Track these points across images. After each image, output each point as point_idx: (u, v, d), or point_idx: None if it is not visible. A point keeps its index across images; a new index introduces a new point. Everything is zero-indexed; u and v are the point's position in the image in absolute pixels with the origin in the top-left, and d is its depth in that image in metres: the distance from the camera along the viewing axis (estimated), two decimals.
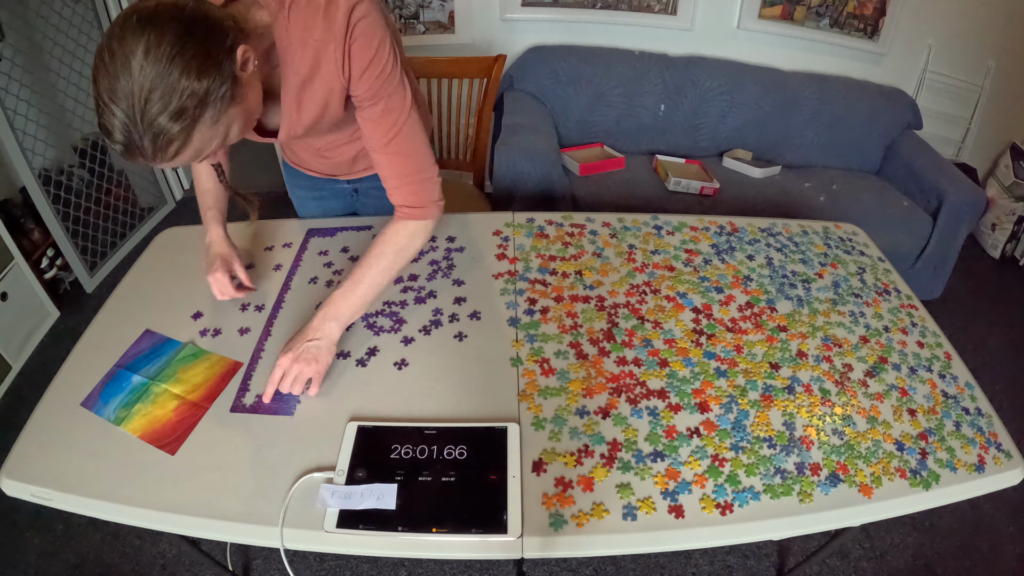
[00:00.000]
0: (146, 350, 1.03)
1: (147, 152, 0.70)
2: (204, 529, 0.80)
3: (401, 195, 0.99)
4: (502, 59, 1.93)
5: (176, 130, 0.69)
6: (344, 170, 1.28)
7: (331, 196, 1.37)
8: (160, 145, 0.69)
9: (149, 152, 0.70)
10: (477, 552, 0.79)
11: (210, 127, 0.72)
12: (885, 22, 2.50)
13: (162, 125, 0.67)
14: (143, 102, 0.66)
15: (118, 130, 0.68)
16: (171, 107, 0.67)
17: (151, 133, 0.68)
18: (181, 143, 0.70)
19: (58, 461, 0.87)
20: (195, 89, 0.68)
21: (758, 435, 0.92)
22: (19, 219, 2.17)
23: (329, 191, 1.36)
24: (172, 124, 0.68)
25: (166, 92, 0.66)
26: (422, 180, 0.99)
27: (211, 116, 0.71)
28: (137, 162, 0.72)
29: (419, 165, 0.98)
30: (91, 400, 0.95)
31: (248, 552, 1.56)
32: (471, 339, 1.06)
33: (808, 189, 2.35)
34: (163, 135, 0.68)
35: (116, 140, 0.69)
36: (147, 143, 0.68)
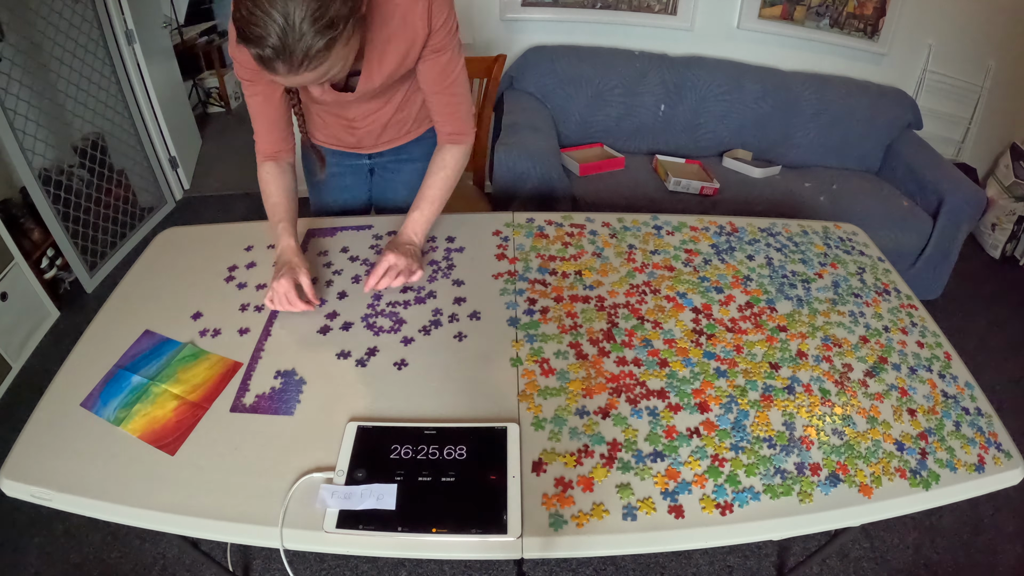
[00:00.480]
0: (146, 350, 1.03)
1: (296, 58, 0.80)
2: (204, 529, 0.80)
3: (453, 125, 1.20)
4: (502, 59, 1.93)
5: (324, 41, 0.80)
6: (370, 141, 1.34)
7: (349, 172, 1.43)
8: (311, 52, 0.80)
9: (299, 58, 0.80)
10: (477, 552, 0.79)
11: (343, 46, 0.84)
12: (885, 22, 2.50)
13: (315, 33, 0.79)
14: (304, 12, 0.77)
15: (275, 35, 0.78)
16: (325, 19, 0.79)
17: (305, 40, 0.79)
18: (325, 54, 0.82)
19: (58, 461, 0.87)
20: (342, 9, 0.81)
21: (758, 435, 0.92)
22: (19, 219, 2.17)
23: (348, 167, 1.42)
24: (323, 34, 0.80)
25: (322, 6, 0.78)
26: (467, 115, 1.21)
27: (346, 36, 0.84)
28: (276, 70, 0.82)
29: (467, 104, 1.20)
30: (91, 400, 0.95)
31: (248, 552, 1.56)
32: (471, 339, 1.06)
33: (808, 189, 2.35)
34: (315, 43, 0.80)
35: (269, 44, 0.79)
36: (300, 49, 0.79)
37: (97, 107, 2.52)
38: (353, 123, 1.28)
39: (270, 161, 1.18)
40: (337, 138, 1.35)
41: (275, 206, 1.17)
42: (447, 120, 1.20)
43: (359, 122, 1.28)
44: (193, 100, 3.96)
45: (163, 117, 2.87)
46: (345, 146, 1.37)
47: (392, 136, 1.35)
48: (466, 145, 1.24)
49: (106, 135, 2.57)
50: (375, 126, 1.30)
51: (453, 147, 1.22)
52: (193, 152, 3.36)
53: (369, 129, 1.30)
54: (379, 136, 1.33)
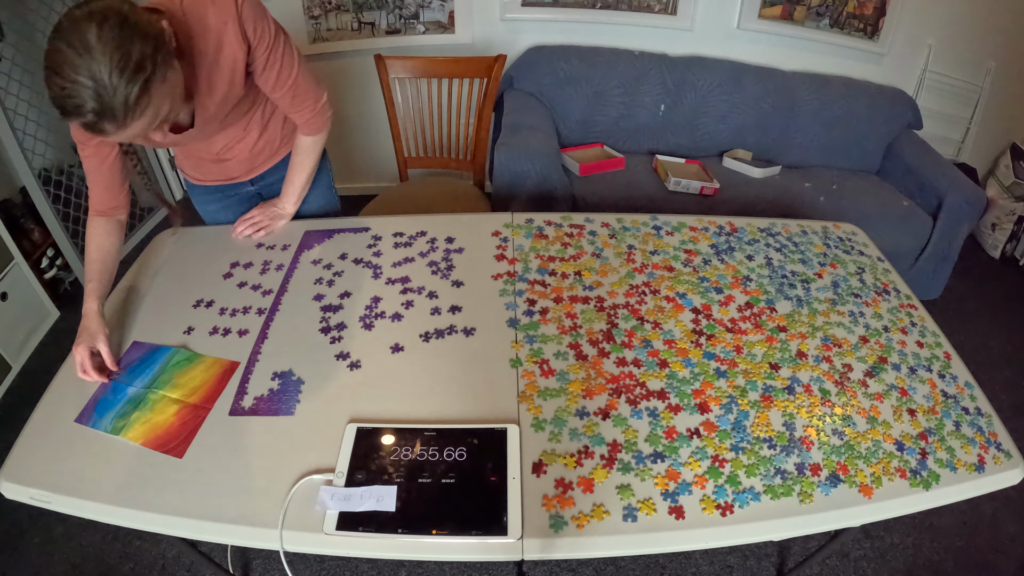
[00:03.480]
0: (136, 360, 1.02)
1: (118, 112, 0.80)
2: (204, 531, 0.80)
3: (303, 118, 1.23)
4: (502, 59, 1.93)
5: (138, 87, 0.80)
6: (245, 169, 1.34)
7: (238, 203, 1.41)
8: (131, 101, 0.80)
9: (120, 112, 0.80)
10: (477, 554, 0.79)
11: (161, 84, 0.84)
12: (885, 22, 2.49)
13: (127, 82, 0.78)
14: (108, 66, 0.77)
15: (90, 99, 0.78)
16: (131, 64, 0.78)
17: (119, 92, 0.78)
18: (145, 98, 0.81)
19: (57, 465, 0.87)
20: (145, 49, 0.80)
21: (758, 436, 0.92)
22: (19, 219, 2.16)
23: (235, 197, 1.40)
24: (135, 79, 0.79)
25: (124, 54, 0.78)
26: (320, 108, 1.23)
27: (160, 74, 0.83)
28: (106, 131, 0.82)
29: (313, 98, 1.20)
30: (85, 415, 0.94)
31: (248, 552, 1.56)
32: (470, 340, 1.06)
33: (808, 189, 2.35)
34: (131, 91, 0.79)
35: (88, 110, 0.78)
36: (119, 103, 0.79)
37: None
38: (221, 155, 1.27)
39: (100, 216, 1.15)
40: (212, 173, 1.34)
41: (89, 264, 1.12)
42: (296, 115, 1.22)
43: (227, 153, 1.27)
44: None
45: None
46: (222, 180, 1.35)
47: (265, 157, 1.34)
48: (317, 135, 1.28)
49: None
50: (244, 154, 1.29)
51: (308, 137, 1.28)
52: None
53: (240, 158, 1.30)
54: (252, 162, 1.33)
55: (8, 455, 0.88)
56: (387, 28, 2.49)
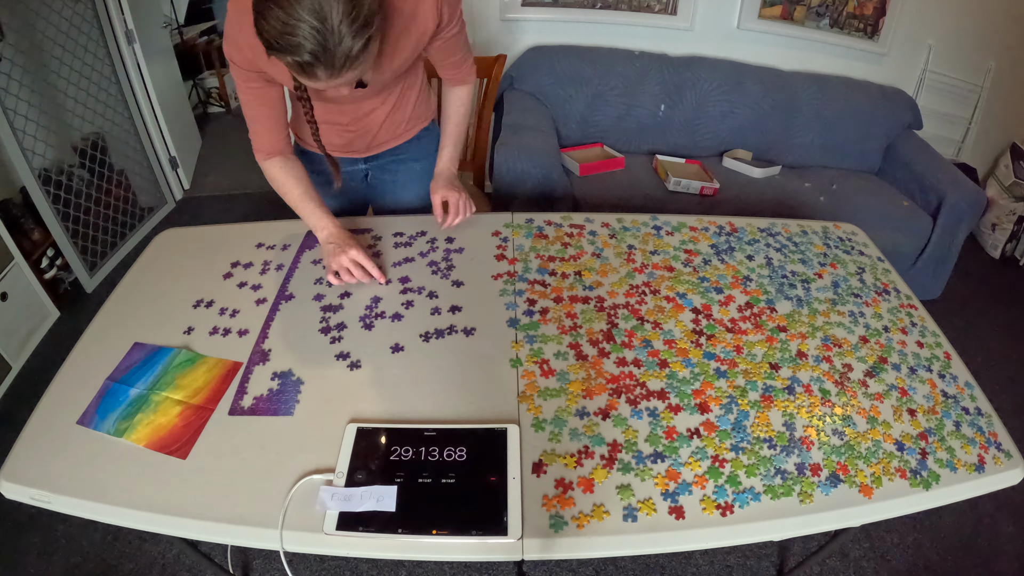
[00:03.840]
0: (138, 362, 1.02)
1: (337, 61, 0.80)
2: (204, 532, 0.80)
3: (459, 72, 1.27)
4: (502, 59, 1.93)
5: (363, 41, 0.81)
6: (363, 144, 1.33)
7: (347, 179, 1.40)
8: (353, 53, 0.81)
9: (340, 61, 0.81)
10: (477, 554, 0.79)
11: (376, 42, 0.85)
12: (885, 22, 2.50)
13: (353, 34, 0.79)
14: (340, 12, 0.77)
15: (312, 40, 0.77)
16: (360, 18, 0.79)
17: (345, 42, 0.79)
18: (364, 53, 0.82)
19: (57, 465, 0.87)
20: (373, 5, 0.81)
21: (758, 436, 0.92)
22: (19, 219, 2.16)
23: (346, 174, 1.39)
24: (361, 33, 0.80)
25: (356, 5, 0.78)
26: (468, 59, 1.27)
27: (379, 34, 0.85)
28: (316, 76, 0.82)
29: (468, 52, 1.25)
30: (87, 417, 0.93)
31: (248, 552, 1.56)
32: (470, 340, 1.06)
33: (808, 189, 2.35)
34: (355, 44, 0.80)
35: (307, 50, 0.78)
36: (341, 52, 0.80)
37: (97, 107, 2.52)
38: (348, 126, 1.27)
39: (275, 156, 1.18)
40: (330, 142, 1.31)
41: (301, 196, 1.18)
42: (459, 66, 1.26)
43: (353, 125, 1.27)
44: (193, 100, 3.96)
45: (163, 117, 2.87)
46: (338, 151, 1.34)
47: (387, 138, 1.34)
48: (472, 83, 1.33)
49: (106, 135, 2.57)
50: (371, 127, 1.29)
51: (461, 87, 1.31)
52: (193, 152, 3.35)
53: (366, 130, 1.29)
54: (374, 138, 1.32)
55: (8, 455, 0.88)
56: None
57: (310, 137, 1.28)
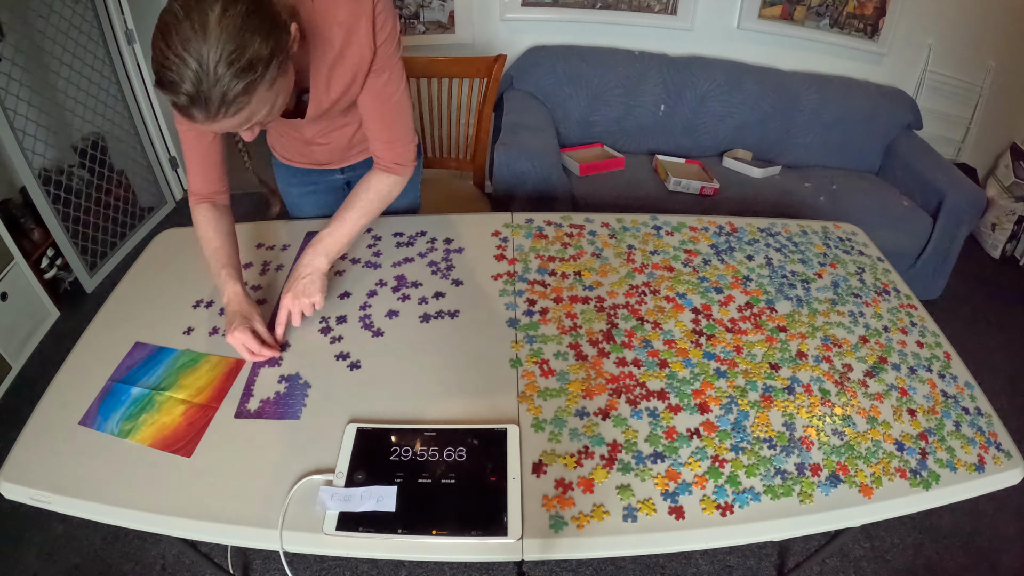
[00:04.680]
0: (140, 361, 1.02)
1: (212, 104, 0.75)
2: (204, 532, 0.80)
3: (390, 154, 1.11)
4: (502, 59, 1.93)
5: (242, 86, 0.74)
6: (338, 156, 1.28)
7: (325, 190, 1.36)
8: (228, 98, 0.75)
9: (215, 104, 0.75)
10: (477, 554, 0.79)
11: (267, 90, 0.79)
12: (885, 22, 2.49)
13: (232, 76, 0.73)
14: (218, 55, 0.71)
15: (189, 81, 0.72)
16: (242, 61, 0.73)
17: (221, 85, 0.73)
18: (244, 99, 0.76)
19: (57, 465, 0.87)
20: (262, 50, 0.75)
21: (758, 436, 0.92)
22: (19, 219, 2.16)
23: (323, 185, 1.36)
24: (240, 78, 0.74)
25: (239, 48, 0.72)
26: (406, 143, 1.11)
27: (269, 79, 0.78)
28: (194, 117, 0.77)
29: (407, 130, 1.10)
30: (89, 417, 0.93)
31: (248, 552, 1.56)
32: (470, 340, 1.06)
33: (808, 189, 2.35)
34: (231, 89, 0.74)
35: (183, 91, 0.73)
36: (216, 95, 0.74)
37: (97, 107, 2.52)
38: (313, 141, 1.22)
39: (205, 203, 1.09)
40: (301, 155, 1.28)
41: (215, 251, 1.06)
42: (386, 146, 1.10)
43: (320, 139, 1.21)
44: None
45: (163, 117, 2.87)
46: (312, 164, 1.30)
47: (361, 149, 1.28)
48: (402, 177, 1.13)
49: (106, 135, 2.57)
50: (341, 142, 1.23)
51: (385, 175, 1.12)
52: None
53: (334, 146, 1.24)
54: (346, 151, 1.27)
55: (8, 455, 0.88)
56: None
57: (286, 151, 1.29)
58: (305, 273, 1.06)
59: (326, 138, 1.21)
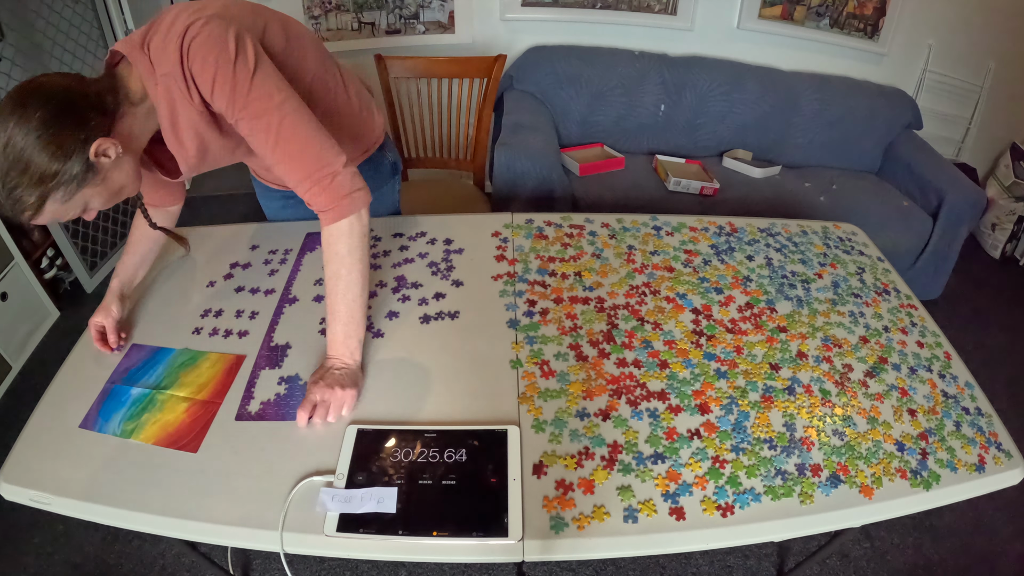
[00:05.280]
0: (138, 363, 1.02)
1: (6, 209, 0.79)
2: (204, 534, 0.80)
3: (312, 198, 0.92)
4: (502, 59, 1.93)
5: (30, 199, 0.78)
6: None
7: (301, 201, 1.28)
8: (18, 208, 0.79)
9: (8, 209, 0.79)
10: (478, 555, 0.79)
11: (61, 204, 0.81)
12: (885, 22, 2.49)
13: (18, 192, 0.77)
14: (5, 169, 0.76)
15: None
16: (26, 179, 0.76)
17: (11, 197, 0.77)
18: (34, 211, 0.80)
19: (57, 466, 0.87)
20: (46, 170, 0.77)
21: (758, 436, 0.92)
22: None
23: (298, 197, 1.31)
24: (27, 192, 0.77)
25: (24, 167, 0.76)
26: (322, 176, 0.91)
27: (62, 195, 0.80)
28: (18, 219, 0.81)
29: (315, 162, 0.90)
30: (90, 420, 0.93)
31: (248, 552, 1.56)
32: (470, 341, 1.05)
33: (808, 189, 2.35)
34: (19, 200, 0.78)
35: None
36: (8, 204, 0.78)
37: None
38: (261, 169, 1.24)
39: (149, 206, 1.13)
40: (270, 178, 1.28)
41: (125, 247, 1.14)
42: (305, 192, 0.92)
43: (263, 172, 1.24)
44: None
45: None
46: (280, 184, 1.28)
47: None
48: (346, 220, 0.93)
49: None
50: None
51: (332, 226, 0.93)
52: None
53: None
54: None
55: (8, 456, 0.88)
56: (387, 28, 2.48)
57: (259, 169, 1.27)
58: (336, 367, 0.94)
59: (269, 173, 1.20)
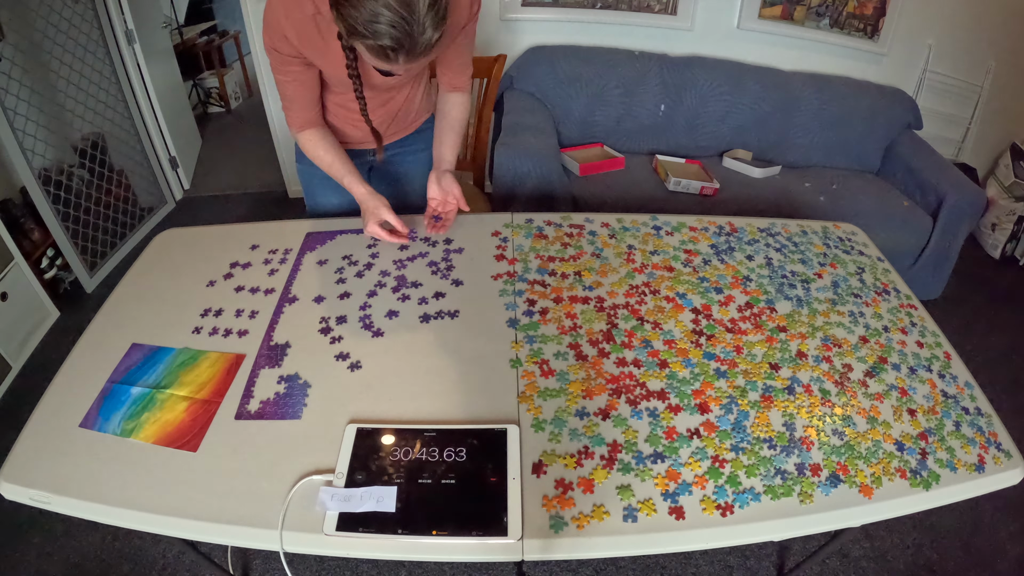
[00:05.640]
0: (137, 362, 1.02)
1: (418, 49, 0.88)
2: (204, 533, 0.80)
3: (462, 79, 1.31)
4: (502, 59, 1.93)
5: (440, 31, 0.89)
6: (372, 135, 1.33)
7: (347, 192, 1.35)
8: (432, 43, 0.89)
9: (420, 49, 0.89)
10: (477, 554, 0.79)
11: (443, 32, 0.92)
12: (885, 22, 2.49)
13: (434, 26, 0.87)
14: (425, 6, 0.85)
15: (399, 28, 0.85)
16: (441, 11, 0.87)
17: (427, 33, 0.87)
18: (439, 44, 0.91)
19: (57, 465, 0.87)
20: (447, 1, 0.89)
21: (758, 436, 0.92)
22: (19, 219, 2.17)
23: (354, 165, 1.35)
24: (439, 25, 0.88)
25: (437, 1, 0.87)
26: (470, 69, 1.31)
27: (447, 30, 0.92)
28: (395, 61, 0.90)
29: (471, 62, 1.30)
30: (90, 420, 0.93)
31: (248, 552, 1.56)
32: (470, 341, 1.06)
33: (808, 189, 2.35)
34: (433, 35, 0.88)
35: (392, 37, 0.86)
36: (423, 42, 0.88)
37: (97, 107, 2.52)
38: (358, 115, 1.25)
39: (309, 128, 1.23)
40: (342, 133, 1.35)
41: (332, 163, 1.25)
42: (460, 73, 1.28)
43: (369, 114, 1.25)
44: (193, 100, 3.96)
45: (163, 117, 2.87)
46: (349, 142, 1.36)
47: (396, 129, 1.38)
48: (469, 93, 1.35)
49: (106, 135, 2.57)
50: (385, 118, 1.32)
51: (459, 94, 1.32)
52: (193, 152, 3.36)
53: (378, 121, 1.30)
54: (387, 128, 1.35)
55: (8, 456, 0.88)
56: None
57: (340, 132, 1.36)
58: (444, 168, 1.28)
59: (373, 114, 1.27)
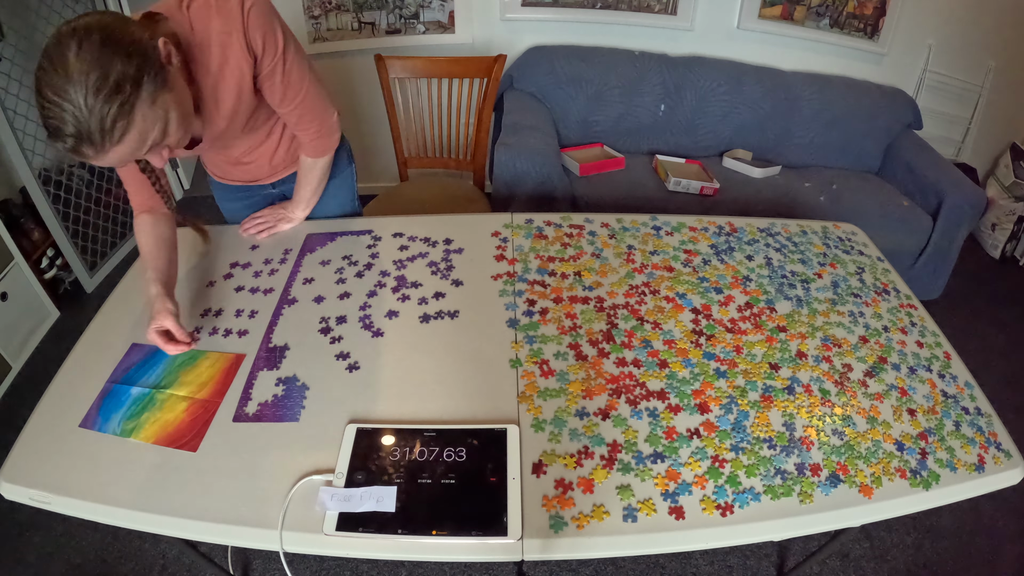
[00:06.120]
0: (138, 362, 1.02)
1: (95, 136, 0.75)
2: (204, 533, 0.80)
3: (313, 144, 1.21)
4: (502, 59, 1.93)
5: (116, 108, 0.75)
6: (265, 174, 1.32)
7: (260, 203, 1.39)
8: (107, 126, 0.75)
9: (97, 136, 0.75)
10: (477, 554, 0.79)
11: (149, 107, 0.79)
12: (885, 22, 2.49)
13: (104, 104, 0.74)
14: (84, 86, 0.72)
15: (68, 123, 0.73)
16: (109, 85, 0.73)
17: (96, 115, 0.74)
18: (125, 122, 0.76)
19: (57, 465, 0.87)
20: (127, 69, 0.75)
21: (758, 436, 0.92)
22: (19, 219, 2.16)
23: (258, 198, 1.38)
24: (112, 101, 0.74)
25: (102, 73, 0.73)
26: (326, 130, 1.19)
27: (147, 96, 0.78)
28: (86, 156, 0.77)
29: (325, 113, 1.16)
30: (90, 420, 0.93)
31: (247, 552, 1.56)
32: (470, 341, 1.06)
33: (808, 189, 2.35)
34: (107, 115, 0.74)
35: (67, 134, 0.74)
36: (94, 126, 0.74)
37: None
38: (241, 160, 1.25)
39: (144, 213, 1.12)
40: (232, 174, 1.31)
41: (144, 256, 1.10)
42: (302, 133, 1.18)
43: (247, 157, 1.25)
44: None
45: None
46: (244, 181, 1.33)
47: (288, 163, 1.31)
48: (326, 158, 1.26)
49: None
50: (264, 159, 1.26)
51: (322, 158, 1.25)
52: None
53: (260, 163, 1.27)
54: (273, 168, 1.30)
55: (8, 456, 0.88)
56: (387, 28, 2.49)
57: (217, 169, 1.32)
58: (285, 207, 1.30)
59: (251, 156, 1.25)
